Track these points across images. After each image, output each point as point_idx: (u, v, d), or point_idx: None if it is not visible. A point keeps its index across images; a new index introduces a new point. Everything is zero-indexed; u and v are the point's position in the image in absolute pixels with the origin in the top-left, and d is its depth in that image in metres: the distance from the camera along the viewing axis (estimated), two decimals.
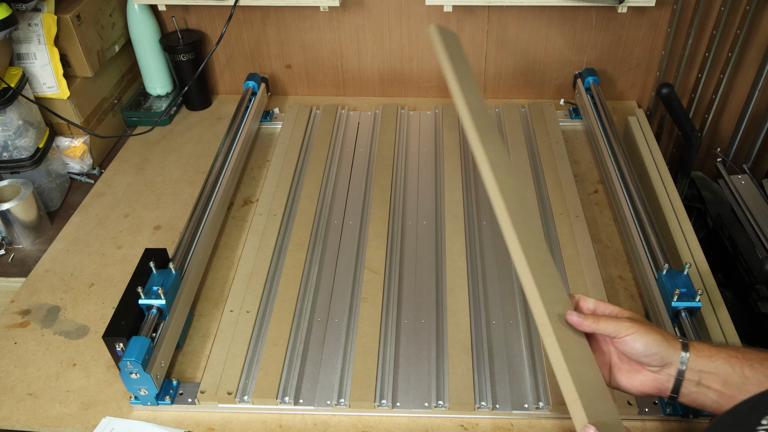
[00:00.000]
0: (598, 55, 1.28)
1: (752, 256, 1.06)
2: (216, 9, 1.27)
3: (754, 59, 1.22)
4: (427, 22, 1.25)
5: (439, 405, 0.75)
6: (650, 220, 0.92)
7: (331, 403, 0.75)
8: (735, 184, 1.20)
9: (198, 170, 1.17)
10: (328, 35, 1.30)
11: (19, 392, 0.80)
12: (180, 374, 0.81)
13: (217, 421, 0.75)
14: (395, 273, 0.92)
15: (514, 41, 1.27)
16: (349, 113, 1.29)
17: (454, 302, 0.86)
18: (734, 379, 0.56)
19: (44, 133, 1.10)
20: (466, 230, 0.98)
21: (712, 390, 0.57)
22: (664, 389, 0.59)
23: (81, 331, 0.88)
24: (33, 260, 1.00)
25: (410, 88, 1.36)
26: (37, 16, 1.07)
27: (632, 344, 0.58)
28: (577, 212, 1.00)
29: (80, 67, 1.15)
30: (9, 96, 1.00)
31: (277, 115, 1.30)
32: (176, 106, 1.33)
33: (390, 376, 0.78)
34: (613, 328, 0.59)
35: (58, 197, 1.14)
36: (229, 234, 1.03)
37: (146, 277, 0.81)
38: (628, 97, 1.34)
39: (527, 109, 1.26)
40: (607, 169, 1.06)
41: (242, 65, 1.36)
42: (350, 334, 0.83)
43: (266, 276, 0.92)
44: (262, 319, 0.86)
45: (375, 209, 1.02)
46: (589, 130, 1.20)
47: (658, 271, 0.83)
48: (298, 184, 1.10)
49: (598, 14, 1.22)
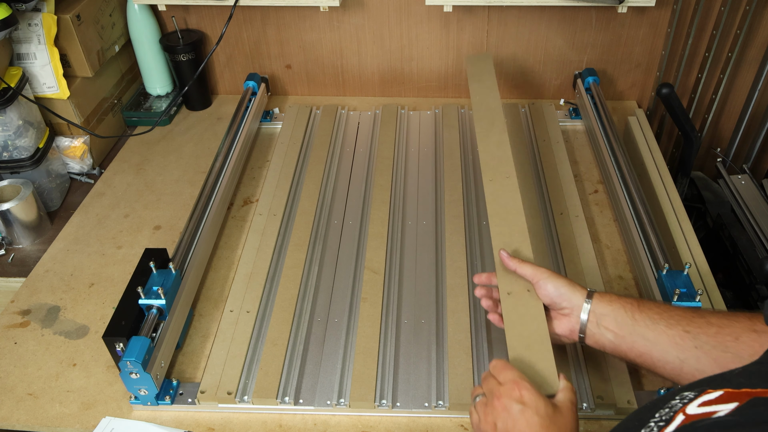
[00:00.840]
0: (598, 55, 1.28)
1: (752, 256, 1.06)
2: (216, 9, 1.27)
3: (754, 59, 1.22)
4: (427, 22, 1.25)
5: (439, 405, 0.75)
6: (650, 220, 0.92)
7: (331, 403, 0.75)
8: (735, 184, 1.20)
9: (198, 170, 1.17)
10: (328, 35, 1.30)
11: (19, 392, 0.80)
12: (180, 374, 0.81)
13: (217, 421, 0.75)
14: (395, 273, 0.92)
15: (514, 41, 1.27)
16: (349, 113, 1.29)
17: (454, 302, 0.86)
18: (626, 321, 0.66)
19: (44, 133, 1.10)
20: (466, 230, 0.98)
21: (609, 331, 0.66)
22: (575, 331, 0.69)
23: (81, 331, 0.88)
24: (33, 260, 1.00)
25: (410, 88, 1.36)
26: (37, 16, 1.07)
27: (545, 286, 0.70)
28: (577, 212, 1.00)
29: (80, 67, 1.15)
30: (9, 96, 1.00)
31: (277, 115, 1.30)
32: (176, 106, 1.33)
33: (390, 376, 0.78)
34: (530, 272, 0.72)
35: (58, 197, 1.14)
36: (229, 234, 1.03)
37: (146, 277, 0.81)
38: (628, 97, 1.34)
39: (527, 109, 1.26)
40: (607, 169, 1.06)
41: (242, 65, 1.36)
42: (350, 334, 0.83)
43: (266, 276, 0.92)
44: (262, 319, 0.86)
45: (375, 209, 1.02)
46: (589, 130, 1.20)
47: (658, 271, 0.83)
48: (298, 184, 1.10)
49: (598, 14, 1.22)
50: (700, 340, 0.61)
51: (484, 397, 0.63)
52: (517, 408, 0.59)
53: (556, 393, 0.63)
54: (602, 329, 0.67)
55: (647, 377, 0.78)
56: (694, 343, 0.62)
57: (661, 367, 0.64)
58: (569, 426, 0.59)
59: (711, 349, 0.61)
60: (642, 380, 0.78)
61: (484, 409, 0.62)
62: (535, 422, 0.58)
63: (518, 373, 0.62)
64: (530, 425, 0.58)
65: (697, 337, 0.62)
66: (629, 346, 0.65)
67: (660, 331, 0.64)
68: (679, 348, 0.62)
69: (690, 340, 0.62)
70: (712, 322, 0.62)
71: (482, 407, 0.62)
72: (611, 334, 0.66)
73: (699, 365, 0.61)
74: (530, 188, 1.05)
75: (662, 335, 0.63)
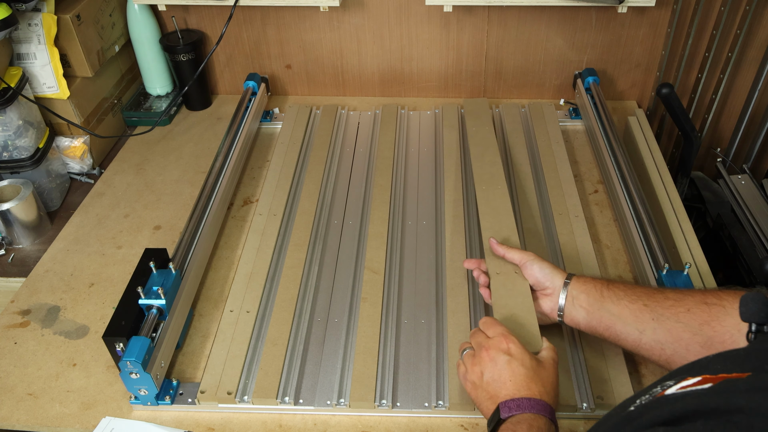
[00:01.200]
0: (598, 55, 1.28)
1: (752, 256, 1.06)
2: (216, 9, 1.27)
3: (754, 59, 1.22)
4: (427, 22, 1.25)
5: (439, 405, 0.75)
6: (650, 220, 0.92)
7: (331, 403, 0.75)
8: (735, 184, 1.20)
9: (198, 170, 1.17)
10: (328, 35, 1.30)
11: (19, 392, 0.80)
12: (180, 374, 0.81)
13: (217, 421, 0.75)
14: (395, 273, 0.92)
15: (514, 41, 1.27)
16: (349, 113, 1.28)
17: (454, 302, 0.86)
18: (596, 297, 0.71)
19: (44, 133, 1.10)
20: (466, 230, 0.98)
21: (582, 308, 0.72)
22: (555, 309, 0.74)
23: (81, 331, 0.88)
24: (33, 260, 1.00)
25: (410, 88, 1.36)
26: (37, 16, 1.07)
27: (531, 268, 0.77)
28: (577, 212, 1.00)
29: (80, 67, 1.15)
30: (9, 96, 1.00)
31: (277, 115, 1.30)
32: (176, 106, 1.33)
33: (390, 376, 0.78)
34: (518, 256, 0.79)
35: (58, 197, 1.14)
36: (229, 234, 1.03)
37: (146, 277, 0.81)
38: (628, 97, 1.34)
39: (527, 109, 1.26)
40: (607, 169, 1.06)
41: (242, 65, 1.36)
42: (350, 334, 0.83)
43: (266, 276, 0.92)
44: (262, 319, 0.86)
45: (375, 209, 1.02)
46: (589, 130, 1.20)
47: (658, 271, 0.83)
48: (298, 184, 1.10)
49: (598, 14, 1.22)
50: (657, 312, 0.67)
51: (471, 350, 0.69)
52: (504, 359, 0.65)
53: (539, 351, 0.69)
54: (576, 307, 0.72)
55: (647, 377, 0.78)
56: (651, 316, 0.67)
57: (624, 339, 0.69)
58: (551, 380, 0.65)
59: (665, 321, 0.66)
60: (642, 380, 0.78)
61: (472, 360, 0.67)
62: (520, 373, 0.64)
63: (506, 328, 0.68)
64: (515, 375, 0.63)
65: (654, 310, 0.67)
66: (598, 320, 0.71)
67: (623, 305, 0.69)
68: (638, 320, 0.68)
69: (648, 313, 0.68)
70: (668, 296, 0.68)
71: (470, 359, 0.68)
72: (584, 311, 0.72)
73: (656, 335, 0.67)
74: (530, 188, 1.05)
75: (625, 309, 0.69)
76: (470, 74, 1.33)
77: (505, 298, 0.77)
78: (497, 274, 0.80)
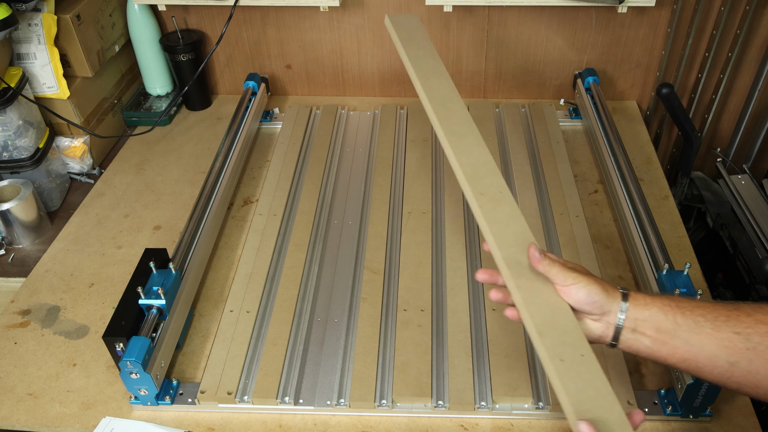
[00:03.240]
0: (598, 55, 1.28)
1: (752, 256, 1.06)
2: (216, 9, 1.27)
3: (754, 59, 1.22)
4: (427, 22, 1.25)
5: (439, 405, 0.75)
6: (650, 220, 0.92)
7: (331, 403, 0.75)
8: (735, 184, 1.20)
9: (198, 170, 1.17)
10: (328, 35, 1.30)
11: (19, 392, 0.80)
12: (180, 374, 0.81)
13: (217, 421, 0.75)
14: (395, 273, 0.92)
15: (514, 41, 1.27)
16: (348, 113, 1.29)
17: (454, 302, 0.86)
18: (666, 326, 0.59)
19: (44, 133, 1.10)
20: (466, 230, 0.98)
21: (646, 336, 0.60)
22: (605, 337, 0.62)
23: (81, 331, 0.88)
24: (33, 260, 1.00)
25: (410, 88, 1.36)
26: (37, 16, 1.07)
27: (576, 293, 0.61)
28: (577, 212, 1.00)
29: (80, 67, 1.15)
30: (9, 96, 1.00)
31: (277, 115, 1.30)
32: (176, 106, 1.33)
33: (390, 376, 0.78)
34: (561, 275, 0.61)
35: (58, 197, 1.14)
36: (229, 234, 1.03)
37: (146, 277, 0.81)
38: (628, 97, 1.34)
39: (527, 109, 1.26)
40: (607, 169, 1.06)
41: (242, 65, 1.36)
42: (350, 334, 0.83)
43: (266, 276, 0.92)
44: (262, 319, 0.86)
45: (375, 209, 1.02)
46: (589, 130, 1.20)
47: (658, 271, 0.83)
48: (298, 184, 1.10)
49: (598, 14, 1.22)
50: (753, 341, 0.57)
51: None
52: None
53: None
54: (638, 335, 0.60)
55: (648, 377, 0.78)
56: (746, 345, 0.57)
57: (709, 372, 0.59)
58: None
59: (765, 350, 0.56)
60: (642, 380, 0.78)
61: None
62: None
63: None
64: None
65: (750, 338, 0.57)
66: (670, 351, 0.60)
67: (706, 334, 0.58)
68: (729, 351, 0.57)
69: (741, 342, 0.57)
70: (760, 320, 0.57)
71: None
72: (648, 340, 0.60)
73: (751, 367, 0.57)
74: (530, 188, 1.05)
75: (709, 339, 0.58)
76: (470, 74, 1.33)
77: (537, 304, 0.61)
78: (518, 289, 0.62)
